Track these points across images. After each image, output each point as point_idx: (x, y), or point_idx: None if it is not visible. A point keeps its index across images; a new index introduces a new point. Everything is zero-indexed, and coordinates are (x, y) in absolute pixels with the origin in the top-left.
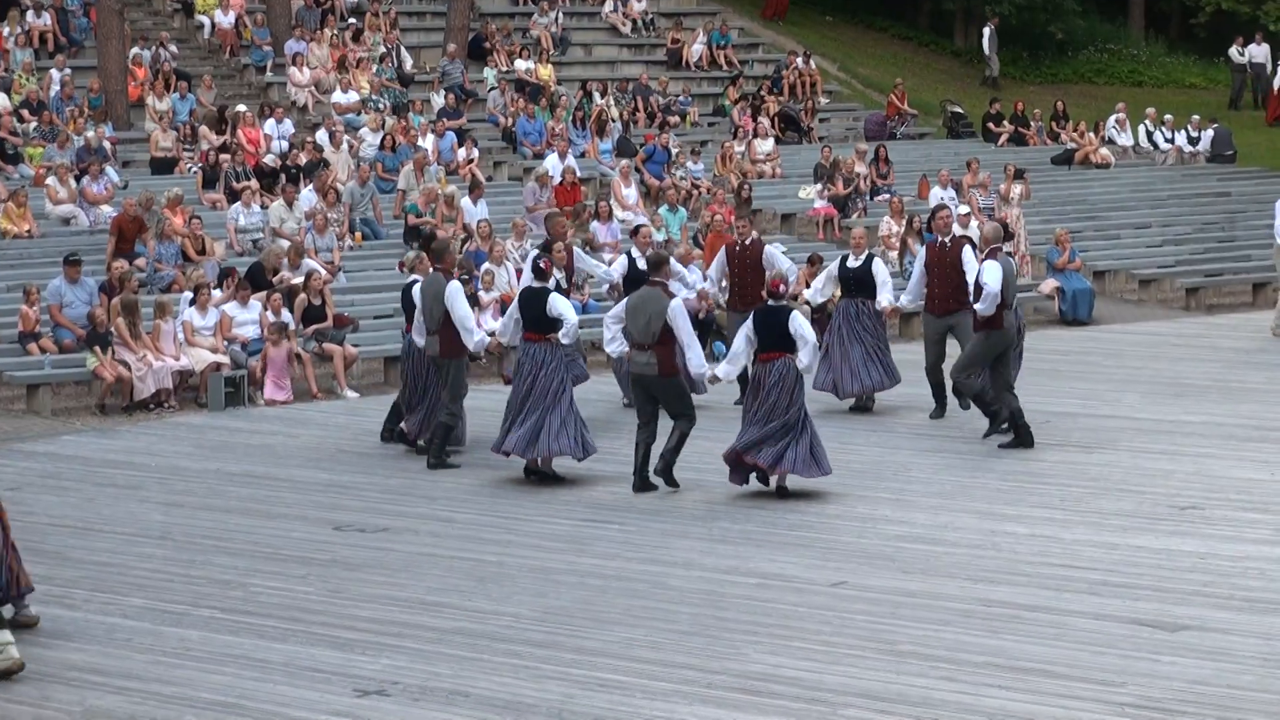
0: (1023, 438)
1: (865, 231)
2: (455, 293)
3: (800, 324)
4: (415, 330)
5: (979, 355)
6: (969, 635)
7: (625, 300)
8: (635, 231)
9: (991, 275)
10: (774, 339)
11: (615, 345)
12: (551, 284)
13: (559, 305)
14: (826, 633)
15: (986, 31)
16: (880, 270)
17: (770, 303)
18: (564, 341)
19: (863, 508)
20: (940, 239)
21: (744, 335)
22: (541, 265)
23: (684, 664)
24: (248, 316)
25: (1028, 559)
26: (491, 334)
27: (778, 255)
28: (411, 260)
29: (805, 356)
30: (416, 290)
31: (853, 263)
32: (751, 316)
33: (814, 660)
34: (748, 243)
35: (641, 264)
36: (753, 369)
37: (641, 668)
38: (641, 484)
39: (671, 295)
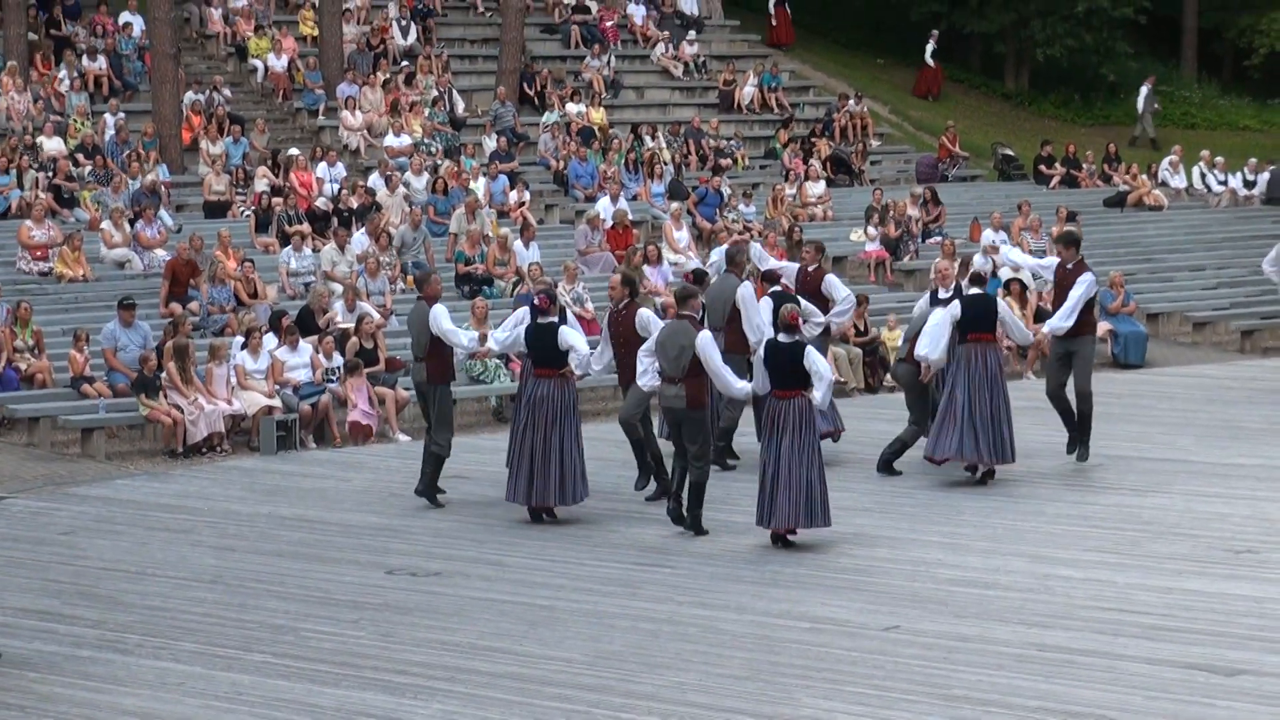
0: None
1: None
2: (439, 314)
3: (814, 359)
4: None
5: None
6: (1023, 680)
7: (656, 334)
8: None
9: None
10: (788, 376)
11: (646, 379)
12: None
13: (569, 337)
14: (879, 677)
15: (1144, 90)
16: (1002, 307)
17: (782, 338)
18: (576, 371)
19: (915, 551)
20: (1067, 262)
21: (761, 373)
22: (536, 302)
23: (736, 708)
24: (298, 360)
25: (1081, 603)
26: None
27: (837, 284)
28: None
29: (819, 392)
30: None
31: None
32: (762, 351)
33: (867, 705)
34: (811, 269)
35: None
36: (769, 405)
37: (694, 712)
38: (677, 510)
39: (700, 328)
